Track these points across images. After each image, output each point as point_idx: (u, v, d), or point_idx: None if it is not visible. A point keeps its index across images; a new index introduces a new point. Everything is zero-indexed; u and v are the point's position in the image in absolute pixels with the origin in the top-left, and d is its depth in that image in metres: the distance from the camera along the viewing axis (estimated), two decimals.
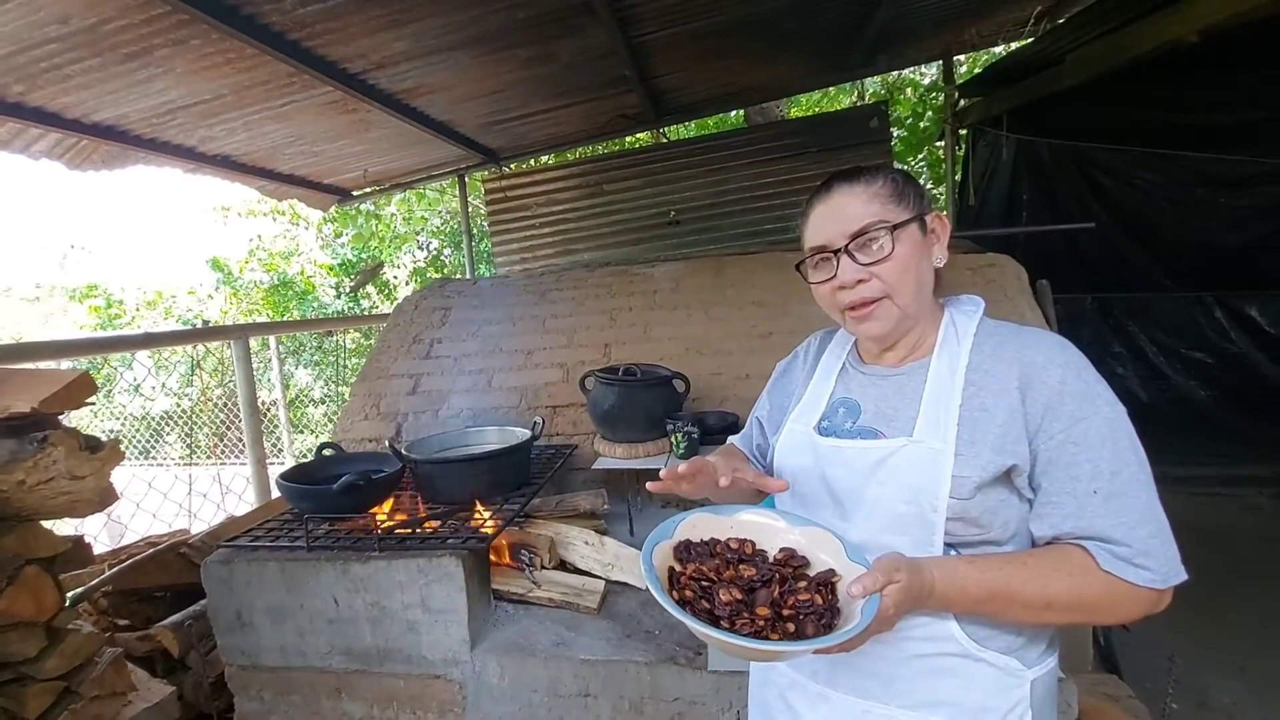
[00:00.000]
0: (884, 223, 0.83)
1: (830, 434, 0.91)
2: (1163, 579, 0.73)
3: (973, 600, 0.76)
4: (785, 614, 0.73)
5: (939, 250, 0.88)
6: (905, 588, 0.71)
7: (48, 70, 2.42)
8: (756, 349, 2.59)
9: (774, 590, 0.76)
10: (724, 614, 0.72)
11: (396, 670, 1.74)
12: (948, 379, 0.84)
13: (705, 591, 0.76)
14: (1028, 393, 0.79)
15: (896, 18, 3.66)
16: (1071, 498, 0.76)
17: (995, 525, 0.79)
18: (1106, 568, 0.74)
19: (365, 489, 1.78)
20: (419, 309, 3.27)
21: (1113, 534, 0.74)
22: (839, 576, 0.77)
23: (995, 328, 0.87)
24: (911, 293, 0.85)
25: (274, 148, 3.78)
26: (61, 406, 1.42)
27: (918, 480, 0.80)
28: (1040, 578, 0.75)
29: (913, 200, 0.86)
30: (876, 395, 0.90)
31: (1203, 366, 4.38)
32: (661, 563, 0.80)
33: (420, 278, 8.36)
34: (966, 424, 0.80)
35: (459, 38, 2.84)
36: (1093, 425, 0.76)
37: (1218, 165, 3.91)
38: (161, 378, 4.93)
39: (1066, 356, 0.80)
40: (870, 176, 0.86)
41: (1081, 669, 1.89)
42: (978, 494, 0.78)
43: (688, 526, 0.86)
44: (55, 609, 1.51)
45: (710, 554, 0.82)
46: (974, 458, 0.78)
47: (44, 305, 10.69)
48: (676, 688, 1.57)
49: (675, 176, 4.74)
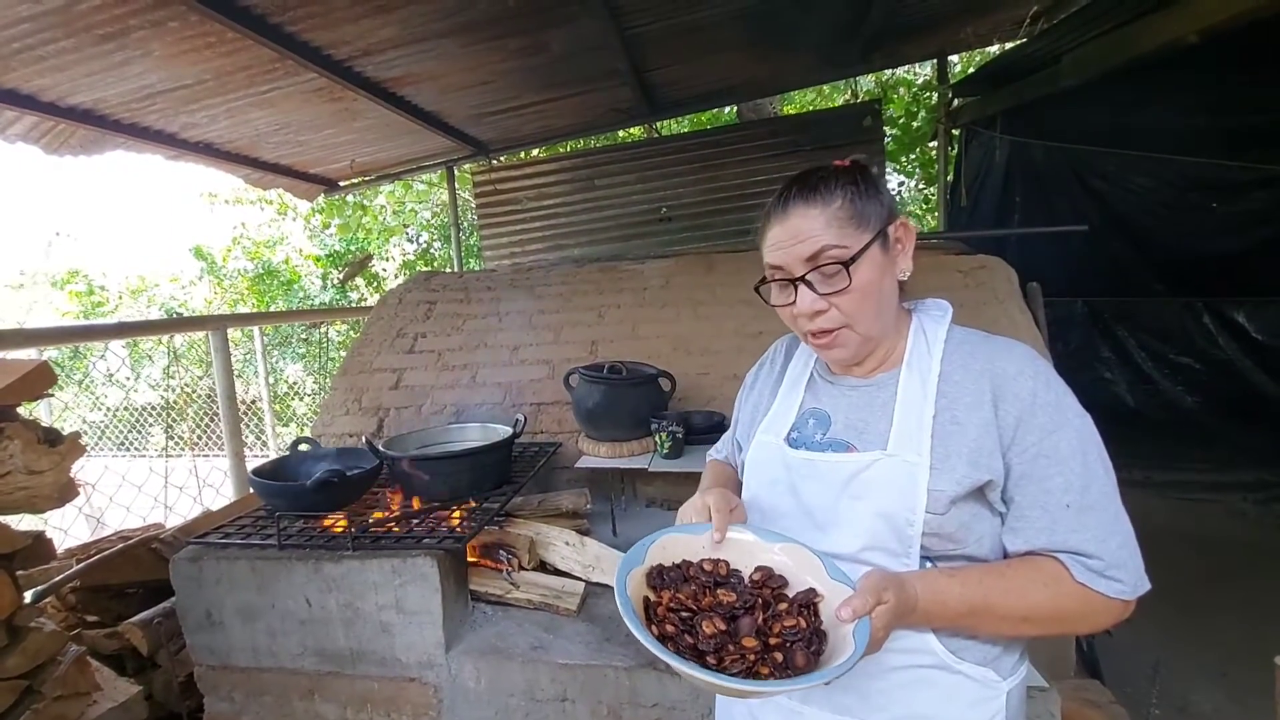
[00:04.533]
0: (842, 249, 0.79)
1: (800, 446, 0.89)
2: (1132, 589, 0.75)
3: (953, 615, 0.76)
4: (772, 643, 0.71)
5: (904, 261, 0.84)
6: (893, 608, 0.70)
7: (20, 51, 2.35)
8: (745, 349, 2.56)
9: (757, 617, 0.74)
10: (709, 648, 0.69)
11: (370, 672, 1.70)
12: (919, 391, 0.82)
13: (686, 624, 0.73)
14: (1000, 405, 0.78)
15: (891, 15, 3.63)
16: (1044, 512, 0.76)
17: (970, 540, 0.79)
18: (1080, 580, 0.75)
19: (340, 486, 1.74)
20: (403, 302, 3.22)
21: (1085, 547, 0.75)
22: (821, 596, 0.74)
23: (965, 336, 0.86)
24: (872, 319, 0.83)
25: (258, 135, 3.71)
26: (18, 398, 1.37)
27: (894, 494, 0.79)
28: (1017, 591, 0.76)
29: (873, 215, 0.81)
30: (846, 406, 0.88)
31: (1190, 372, 4.39)
32: (636, 592, 0.76)
33: (410, 270, 8.28)
34: (940, 437, 0.79)
35: (448, 25, 2.78)
36: (1063, 438, 0.76)
37: (1211, 171, 3.91)
38: (141, 368, 4.85)
39: (1036, 367, 0.80)
40: (827, 194, 0.80)
41: (1064, 675, 1.88)
42: (951, 508, 0.77)
43: (658, 549, 0.82)
44: (13, 607, 1.46)
45: (684, 578, 0.79)
46: (949, 471, 0.77)
47: (28, 293, 10.51)
48: (655, 693, 1.54)
49: (667, 172, 4.71)
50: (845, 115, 4.63)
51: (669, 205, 4.68)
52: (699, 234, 4.63)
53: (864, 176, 0.83)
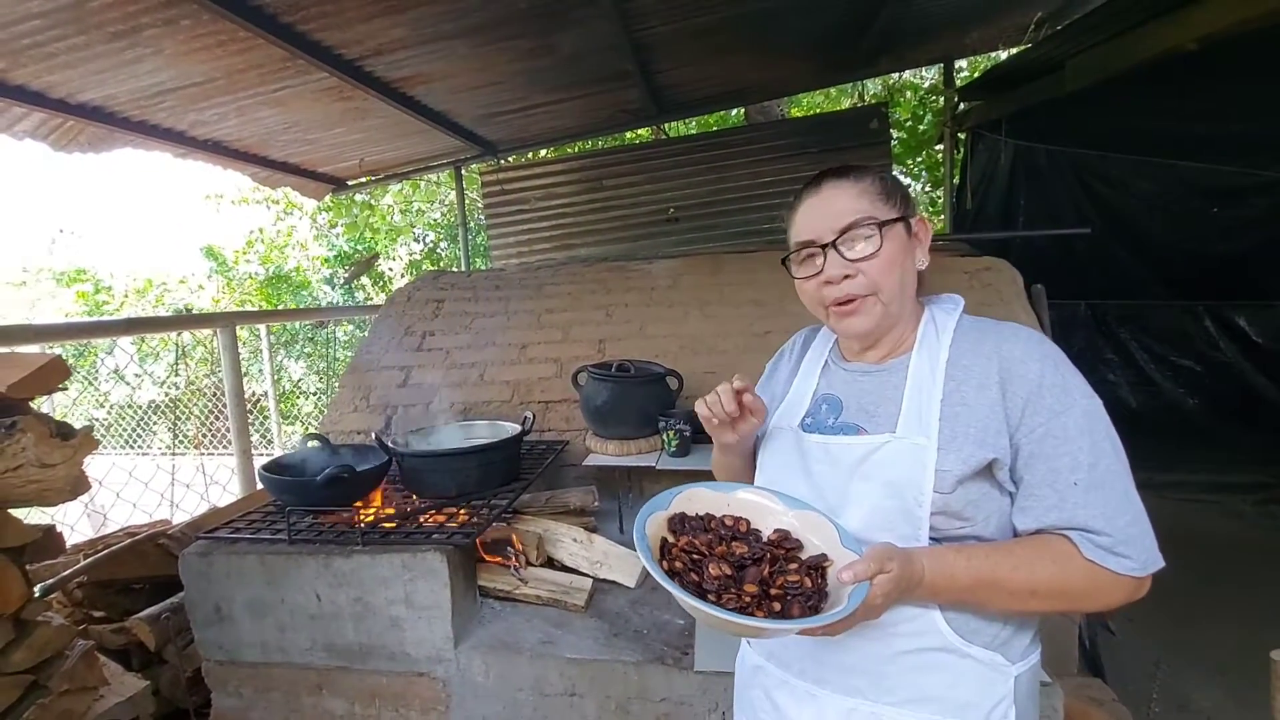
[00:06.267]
0: (873, 218, 0.84)
1: (814, 430, 0.92)
2: (1142, 566, 0.75)
3: (960, 588, 0.77)
4: (773, 593, 0.74)
5: (921, 253, 0.90)
6: (896, 578, 0.71)
7: (30, 48, 2.36)
8: (752, 348, 2.56)
9: (764, 569, 0.77)
10: (711, 588, 0.73)
11: (379, 667, 1.70)
12: (928, 374, 0.85)
13: (695, 564, 0.77)
14: (1008, 387, 0.80)
15: (899, 20, 3.65)
16: (1053, 490, 0.77)
17: (978, 518, 0.80)
18: (1089, 556, 0.75)
19: (350, 482, 1.74)
20: (411, 300, 3.22)
21: (1093, 524, 0.75)
22: (830, 561, 0.77)
23: (974, 323, 0.88)
24: (896, 291, 0.85)
25: (267, 134, 3.72)
26: (32, 392, 1.38)
27: (902, 475, 0.81)
28: (1025, 566, 0.76)
29: (899, 201, 0.87)
30: (858, 391, 0.91)
31: (1192, 374, 4.42)
32: (655, 533, 0.80)
33: (416, 270, 8.29)
34: (948, 419, 0.81)
35: (458, 26, 2.79)
36: (1071, 418, 0.78)
37: (1213, 176, 3.93)
38: (148, 365, 4.85)
39: (1044, 351, 0.82)
40: (859, 174, 0.88)
41: (1066, 672, 1.88)
42: (959, 487, 0.79)
43: (684, 499, 0.86)
44: (22, 600, 1.46)
45: (704, 529, 0.83)
46: (955, 451, 0.79)
47: (31, 290, 10.51)
48: (663, 688, 1.55)
49: (675, 173, 4.72)
50: (852, 118, 4.64)
51: (677, 206, 4.70)
52: (706, 234, 4.64)
53: (890, 176, 0.91)
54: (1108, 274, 4.46)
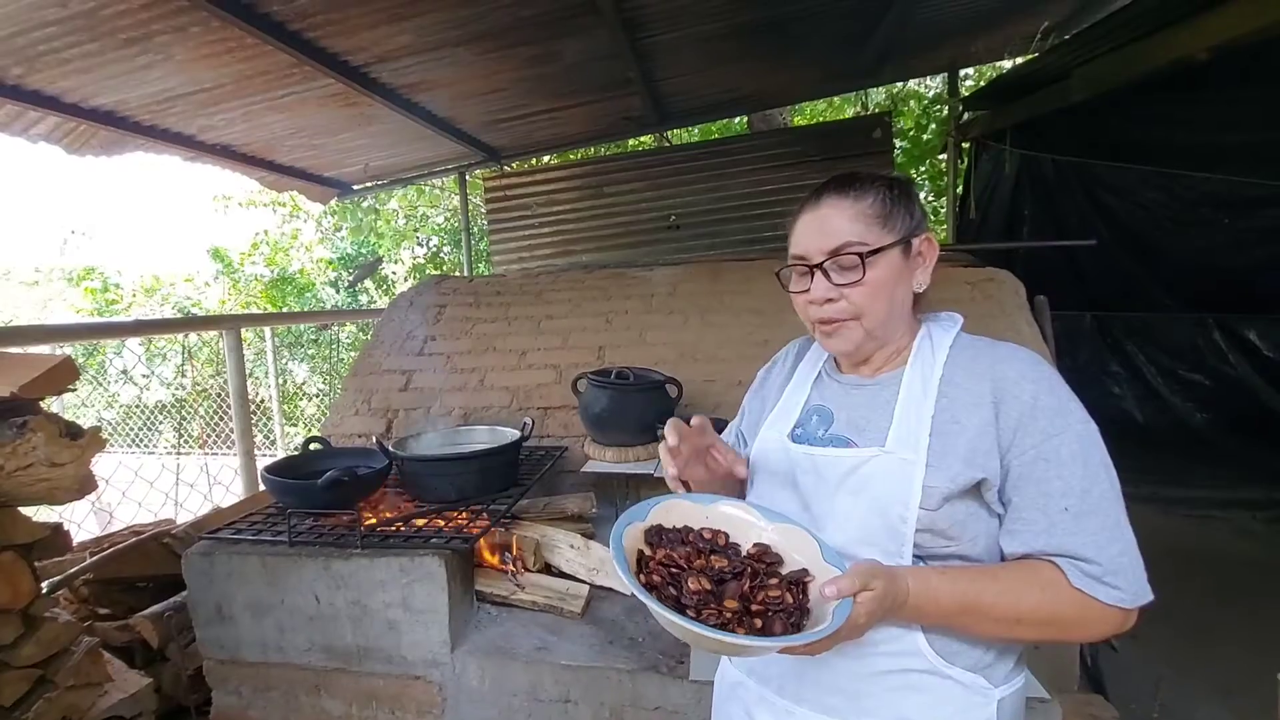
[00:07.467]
0: (862, 245, 0.82)
1: (803, 441, 0.91)
2: (1131, 598, 0.74)
3: (944, 612, 0.76)
4: (754, 609, 0.72)
5: (922, 275, 0.87)
6: (880, 596, 0.70)
7: (46, 54, 2.41)
8: (751, 356, 2.56)
9: (744, 584, 0.75)
10: (690, 603, 0.71)
11: (376, 669, 1.71)
12: (920, 391, 0.84)
13: (674, 578, 0.75)
14: (1000, 407, 0.79)
15: (903, 29, 3.66)
16: (1042, 514, 0.76)
17: (964, 538, 0.79)
18: (1077, 585, 0.74)
19: (350, 485, 1.76)
20: (413, 305, 3.25)
21: (1083, 552, 0.74)
22: (812, 577, 0.75)
23: (970, 342, 0.87)
24: (880, 318, 0.84)
25: (274, 139, 3.77)
26: (42, 392, 1.40)
27: (888, 490, 0.79)
28: (1011, 592, 0.75)
29: (900, 222, 0.84)
30: (850, 404, 0.90)
31: (1200, 389, 4.35)
32: (631, 545, 0.78)
33: (419, 274, 8.35)
34: (938, 436, 0.80)
35: (462, 34, 2.83)
36: (1064, 442, 0.76)
37: (1222, 186, 3.89)
38: (155, 366, 4.90)
39: (1039, 372, 0.81)
40: (861, 191, 0.84)
41: (1067, 688, 1.87)
42: (944, 505, 0.77)
43: (661, 511, 0.84)
44: (31, 596, 1.48)
45: (682, 541, 0.81)
46: (944, 469, 0.78)
47: (43, 290, 10.63)
48: (658, 696, 1.55)
49: (676, 181, 4.74)
50: (855, 127, 4.65)
51: (678, 213, 4.71)
52: (707, 242, 4.65)
53: (901, 187, 0.86)
54: (1114, 286, 4.42)
